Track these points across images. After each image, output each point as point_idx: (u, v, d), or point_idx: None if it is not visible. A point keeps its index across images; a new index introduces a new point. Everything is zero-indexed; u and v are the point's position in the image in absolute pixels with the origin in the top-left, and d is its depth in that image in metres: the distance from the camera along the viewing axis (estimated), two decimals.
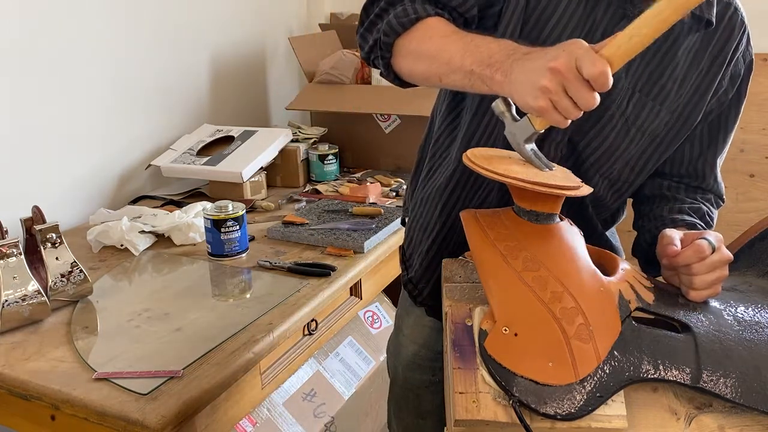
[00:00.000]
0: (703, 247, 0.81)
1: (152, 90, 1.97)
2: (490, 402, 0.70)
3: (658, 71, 0.91)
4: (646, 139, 0.95)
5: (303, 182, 2.07)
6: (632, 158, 0.97)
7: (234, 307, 1.28)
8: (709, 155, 1.01)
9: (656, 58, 0.91)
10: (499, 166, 0.78)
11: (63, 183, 1.73)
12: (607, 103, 0.91)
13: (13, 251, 1.17)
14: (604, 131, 0.93)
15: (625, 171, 0.98)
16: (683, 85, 0.93)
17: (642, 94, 0.92)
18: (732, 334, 0.77)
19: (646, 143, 0.96)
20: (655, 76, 0.91)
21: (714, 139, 1.00)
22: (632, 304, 0.77)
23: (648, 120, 0.93)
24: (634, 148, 0.95)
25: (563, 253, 0.79)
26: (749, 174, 2.24)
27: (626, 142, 0.94)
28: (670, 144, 0.98)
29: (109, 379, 1.03)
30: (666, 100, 0.93)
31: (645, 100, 0.92)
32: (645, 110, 0.92)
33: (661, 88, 0.92)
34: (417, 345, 1.21)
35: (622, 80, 0.91)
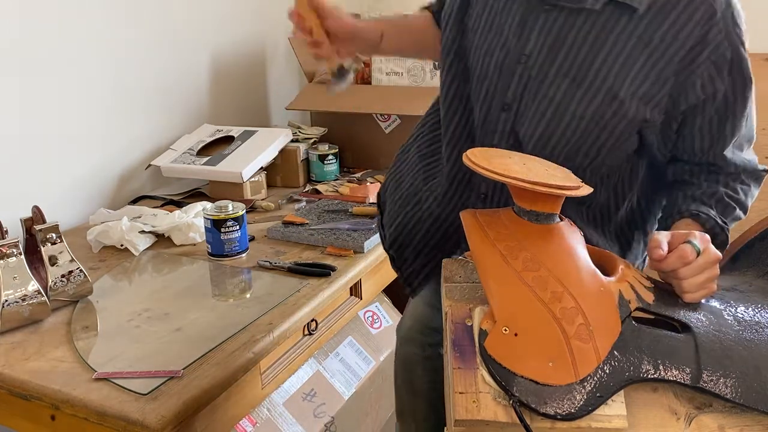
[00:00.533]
0: (687, 252, 0.79)
1: (152, 90, 1.97)
2: (490, 402, 0.70)
3: (590, 58, 0.92)
4: (589, 126, 0.93)
5: (303, 182, 2.07)
6: (579, 144, 0.95)
7: (234, 307, 1.28)
8: (719, 146, 0.97)
9: (586, 45, 0.92)
10: (499, 166, 0.78)
11: (63, 183, 1.73)
12: (535, 90, 0.95)
13: (13, 251, 1.18)
14: (534, 119, 0.96)
15: (578, 157, 0.96)
16: (625, 70, 0.91)
17: (573, 81, 0.92)
18: (732, 334, 0.77)
19: (594, 129, 0.94)
20: (586, 64, 0.92)
21: (721, 130, 0.96)
22: (632, 304, 0.77)
23: (582, 106, 0.92)
24: (575, 133, 0.94)
25: (563, 253, 0.79)
26: None
27: (562, 128, 0.94)
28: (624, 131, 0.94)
29: (109, 379, 1.03)
30: (603, 86, 0.91)
31: (576, 88, 0.92)
32: (577, 97, 0.92)
33: (595, 75, 0.92)
34: (412, 319, 1.27)
35: (547, 67, 0.93)
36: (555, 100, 0.94)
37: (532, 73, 0.95)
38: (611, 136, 0.94)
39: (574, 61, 0.92)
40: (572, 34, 0.92)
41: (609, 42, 0.91)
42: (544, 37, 0.94)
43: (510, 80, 0.97)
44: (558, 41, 0.93)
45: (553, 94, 0.94)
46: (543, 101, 0.95)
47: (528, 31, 0.95)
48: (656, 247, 0.81)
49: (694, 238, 0.81)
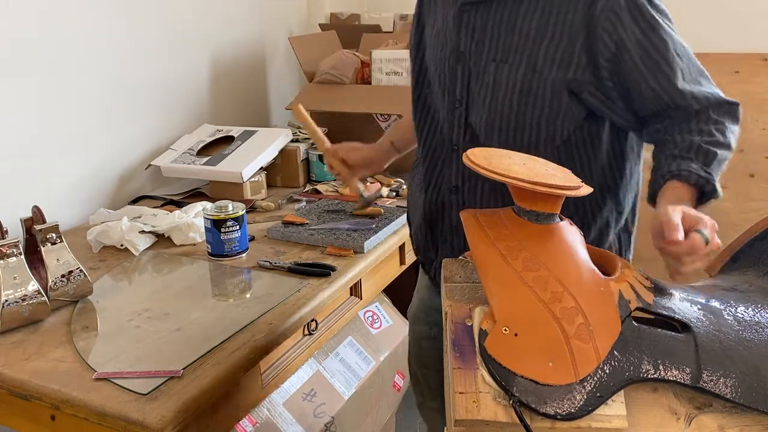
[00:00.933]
0: (697, 243, 0.80)
1: (152, 90, 1.97)
2: (490, 402, 0.70)
3: (508, 38, 1.04)
4: (522, 98, 1.03)
5: (303, 182, 2.07)
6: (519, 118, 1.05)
7: (234, 307, 1.28)
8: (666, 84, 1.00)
9: (502, 27, 1.04)
10: (499, 165, 0.78)
11: (63, 183, 1.73)
12: (472, 80, 1.08)
13: (13, 251, 1.18)
14: (476, 106, 1.08)
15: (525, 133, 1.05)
16: (539, 39, 1.01)
17: (500, 62, 1.04)
18: (732, 334, 0.77)
19: (527, 101, 1.03)
20: (506, 43, 1.04)
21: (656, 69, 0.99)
22: (632, 304, 0.77)
23: (511, 81, 1.04)
24: (511, 109, 1.05)
25: (563, 253, 0.79)
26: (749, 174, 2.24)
27: (500, 108, 1.05)
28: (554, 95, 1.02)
29: (109, 379, 1.03)
30: (523, 57, 1.02)
31: (502, 67, 1.04)
32: (503, 75, 1.04)
33: (516, 52, 1.03)
34: (419, 299, 1.41)
35: (476, 56, 1.06)
36: (489, 84, 1.06)
37: (470, 66, 1.08)
38: (544, 104, 1.03)
39: (497, 46, 1.05)
40: (490, 24, 1.05)
41: (519, 21, 1.03)
42: (471, 32, 1.07)
43: (455, 78, 1.10)
44: (482, 33, 1.06)
45: (487, 80, 1.06)
46: (481, 89, 1.07)
47: (458, 31, 1.08)
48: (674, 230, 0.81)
49: (704, 228, 0.82)
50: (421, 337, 1.39)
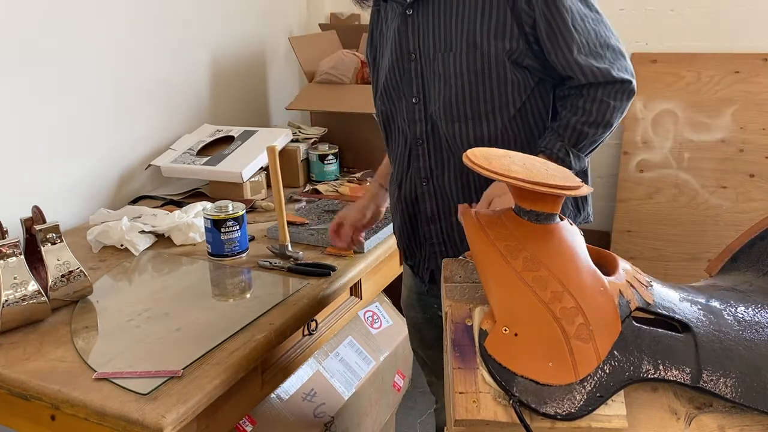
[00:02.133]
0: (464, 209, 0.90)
1: (152, 90, 1.97)
2: (490, 402, 0.70)
3: (448, 27, 1.13)
4: (470, 77, 1.12)
5: (303, 182, 2.07)
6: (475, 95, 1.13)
7: (234, 306, 1.28)
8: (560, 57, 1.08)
9: (442, 20, 1.13)
10: (499, 165, 0.78)
11: (63, 183, 1.73)
12: (426, 72, 1.16)
13: (13, 251, 1.18)
14: (432, 95, 1.17)
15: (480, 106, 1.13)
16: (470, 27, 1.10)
17: (444, 50, 1.13)
18: (732, 334, 0.77)
19: (476, 80, 1.12)
20: (448, 32, 1.13)
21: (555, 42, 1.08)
22: (632, 304, 0.77)
23: (456, 65, 1.13)
24: (464, 89, 1.13)
25: (563, 253, 0.79)
26: (749, 174, 2.24)
27: (454, 91, 1.14)
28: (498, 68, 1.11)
29: (109, 379, 1.03)
30: (462, 42, 1.11)
31: (445, 54, 1.13)
32: (450, 62, 1.13)
33: (457, 36, 1.12)
34: (407, 289, 1.45)
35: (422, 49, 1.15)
36: (440, 72, 1.14)
37: (421, 63, 1.17)
38: (491, 76, 1.12)
39: (440, 35, 1.13)
40: (430, 18, 1.14)
41: (454, 9, 1.12)
42: (416, 31, 1.16)
43: (410, 77, 1.19)
44: (425, 29, 1.15)
45: (438, 68, 1.15)
46: (434, 79, 1.16)
47: (404, 34, 1.17)
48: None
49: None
50: (417, 322, 1.44)
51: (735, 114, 2.18)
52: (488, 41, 1.10)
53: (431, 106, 1.18)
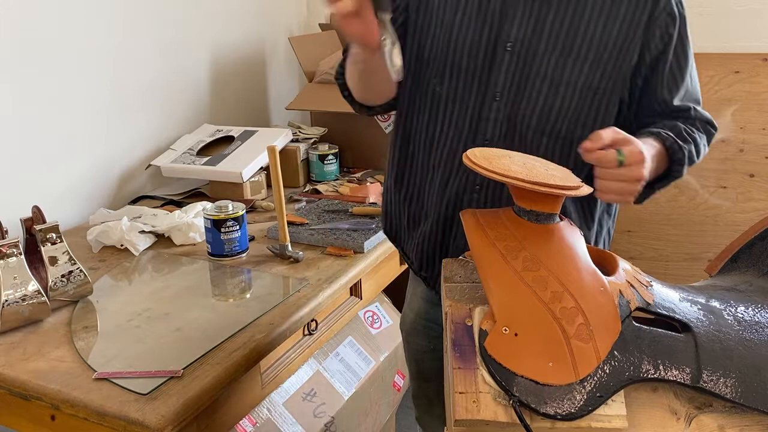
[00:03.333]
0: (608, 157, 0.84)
1: (152, 90, 1.97)
2: (491, 402, 0.70)
3: (573, 29, 0.99)
4: (584, 92, 1.00)
5: (303, 182, 2.07)
6: (579, 114, 1.02)
7: (234, 306, 1.28)
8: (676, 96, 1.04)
9: (567, 17, 0.99)
10: (499, 165, 0.78)
11: (63, 183, 1.73)
12: (527, 70, 1.01)
13: (13, 251, 1.18)
14: (532, 97, 1.01)
15: (577, 128, 1.02)
16: (604, 36, 0.99)
17: (562, 54, 0.99)
18: (732, 334, 0.77)
19: (588, 96, 1.01)
20: (571, 35, 0.99)
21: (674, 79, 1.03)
22: (632, 304, 0.77)
23: (574, 75, 1.00)
24: (573, 103, 1.01)
25: (563, 253, 0.79)
26: (749, 174, 2.24)
27: (559, 100, 1.01)
28: (615, 90, 1.01)
29: (109, 379, 1.03)
30: (589, 54, 0.99)
31: (566, 59, 0.99)
32: (568, 68, 1.00)
33: (581, 44, 0.99)
34: (414, 313, 1.34)
35: (535, 45, 0.99)
36: (548, 75, 1.00)
37: (521, 56, 1.00)
38: (603, 98, 1.01)
39: (558, 35, 0.99)
40: (552, 11, 0.99)
41: (587, 13, 0.99)
42: (527, 20, 1.00)
43: (499, 70, 1.02)
44: (540, 20, 0.99)
45: (545, 70, 1.00)
46: (537, 79, 1.00)
47: (509, 19, 1.00)
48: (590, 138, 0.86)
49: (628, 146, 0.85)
50: (419, 351, 1.34)
51: (735, 114, 2.18)
52: (616, 55, 0.99)
53: (520, 111, 1.02)
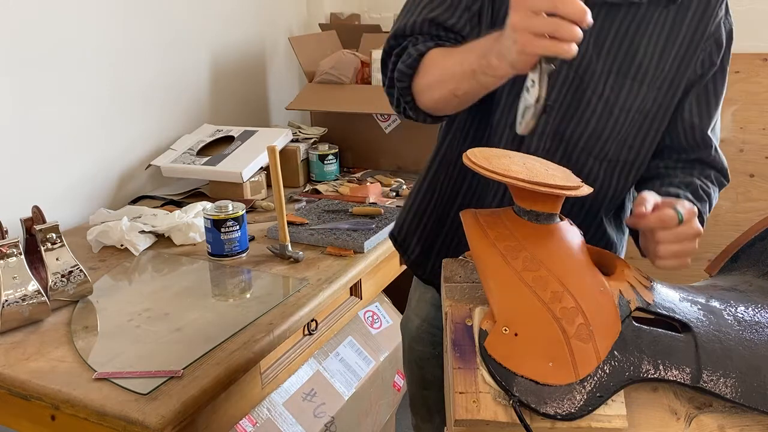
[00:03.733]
0: (668, 216, 0.82)
1: (152, 90, 1.97)
2: (490, 402, 0.70)
3: (632, 50, 0.94)
4: (636, 116, 0.97)
5: (303, 182, 2.07)
6: (627, 137, 0.98)
7: (234, 307, 1.28)
8: (704, 124, 1.01)
9: (627, 38, 0.94)
10: (499, 165, 0.78)
11: (63, 183, 1.73)
12: (583, 87, 0.95)
13: (13, 251, 1.18)
14: (585, 116, 0.97)
15: (623, 151, 0.99)
16: (663, 59, 0.95)
17: (619, 75, 0.94)
18: (732, 334, 0.76)
19: (638, 120, 0.97)
20: (630, 56, 0.94)
21: (707, 106, 1.00)
22: (632, 304, 0.77)
23: (630, 98, 0.96)
24: (624, 127, 0.97)
25: (563, 253, 0.79)
26: (749, 174, 2.24)
27: (612, 122, 0.97)
28: (665, 117, 0.99)
29: (109, 379, 1.03)
30: (646, 77, 0.95)
31: (623, 81, 0.95)
32: (624, 90, 0.95)
33: (639, 67, 0.94)
34: (420, 319, 1.28)
35: (594, 63, 0.94)
36: (604, 96, 0.95)
37: (579, 72, 0.95)
38: (653, 125, 0.98)
39: (617, 54, 0.94)
40: (614, 29, 0.93)
41: (647, 33, 0.93)
42: (589, 35, 0.92)
43: (553, 81, 0.94)
44: (600, 37, 0.94)
45: (602, 90, 0.95)
46: (593, 98, 0.95)
47: None
48: (641, 204, 0.84)
49: (681, 207, 0.83)
50: (423, 358, 1.30)
51: (735, 114, 2.18)
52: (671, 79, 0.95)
53: (569, 128, 0.97)
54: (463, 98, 0.91)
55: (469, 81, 0.86)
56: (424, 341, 1.28)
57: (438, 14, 0.97)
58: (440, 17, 0.97)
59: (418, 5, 1.00)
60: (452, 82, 0.89)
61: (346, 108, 2.09)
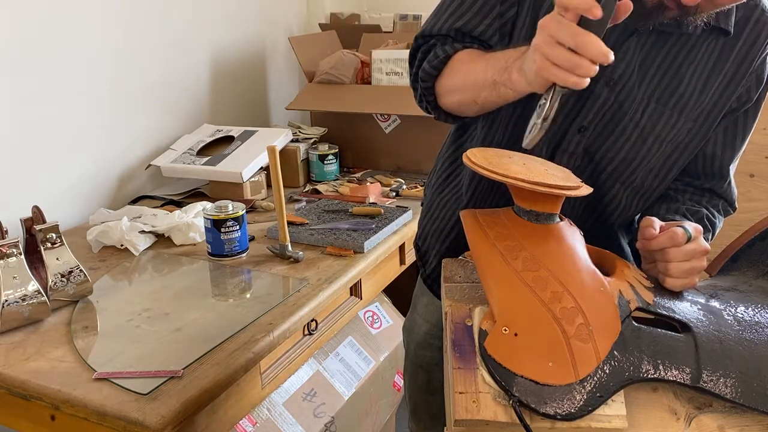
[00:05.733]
0: (678, 233, 0.82)
1: (152, 90, 1.97)
2: (490, 402, 0.70)
3: (676, 80, 0.92)
4: (667, 146, 0.95)
5: (303, 182, 2.07)
6: (655, 166, 0.97)
7: (234, 307, 1.28)
8: (726, 156, 1.00)
9: (673, 67, 0.91)
10: (499, 165, 0.78)
11: (63, 183, 1.73)
12: (621, 113, 0.93)
13: (13, 251, 1.18)
14: (618, 142, 0.95)
15: (649, 178, 0.98)
16: (704, 91, 0.92)
17: (659, 104, 0.92)
18: (732, 334, 0.77)
19: (668, 150, 0.96)
20: (672, 86, 0.92)
21: (732, 140, 0.99)
22: (632, 304, 0.77)
23: (666, 129, 0.94)
24: (655, 156, 0.96)
25: (563, 253, 0.79)
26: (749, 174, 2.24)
27: (644, 151, 0.95)
28: (695, 149, 0.98)
29: (109, 379, 1.03)
30: (685, 109, 0.93)
31: (662, 110, 0.93)
32: (662, 120, 0.93)
33: (680, 97, 0.92)
34: (429, 324, 1.24)
35: (635, 90, 0.92)
36: (641, 124, 0.93)
37: (620, 96, 0.92)
38: (682, 155, 0.97)
39: (660, 83, 0.92)
40: (660, 57, 0.91)
41: (693, 63, 0.91)
42: (635, 60, 0.91)
43: (592, 103, 0.93)
44: (645, 64, 0.91)
45: (639, 117, 0.93)
46: (629, 125, 0.93)
47: (620, 54, 0.89)
48: (648, 226, 0.84)
49: (688, 225, 0.84)
50: (431, 363, 1.26)
51: None
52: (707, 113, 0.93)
53: (599, 152, 0.96)
54: (483, 105, 0.91)
55: (489, 90, 0.86)
56: (432, 347, 1.25)
57: (465, 22, 0.96)
58: (467, 26, 0.96)
59: (447, 8, 0.98)
60: (474, 89, 0.89)
61: (346, 108, 2.09)
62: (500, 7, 0.94)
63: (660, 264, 0.84)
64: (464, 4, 0.96)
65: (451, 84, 0.95)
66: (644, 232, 0.85)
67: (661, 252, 0.83)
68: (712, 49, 0.91)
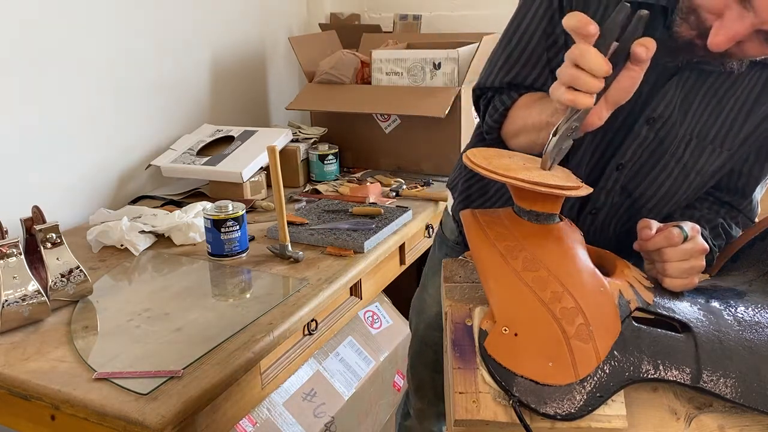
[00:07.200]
0: (674, 233, 0.82)
1: (152, 90, 1.97)
2: (490, 402, 0.70)
3: (716, 112, 0.91)
4: (706, 179, 0.96)
5: (303, 182, 2.07)
6: (691, 196, 0.98)
7: (234, 307, 1.28)
8: (753, 176, 0.99)
9: (714, 100, 0.90)
10: (499, 166, 0.78)
11: (63, 183, 1.73)
12: (662, 150, 0.93)
13: (13, 251, 1.18)
14: (659, 179, 0.95)
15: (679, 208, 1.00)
16: (746, 124, 0.91)
17: (700, 139, 0.92)
18: (732, 334, 0.77)
19: (705, 181, 0.96)
20: (712, 119, 0.91)
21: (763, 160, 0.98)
22: (632, 304, 0.77)
23: (708, 163, 0.93)
24: (693, 188, 0.96)
25: (563, 253, 0.79)
26: None
27: (685, 186, 0.95)
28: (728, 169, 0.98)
29: (109, 379, 1.03)
30: (725, 141, 0.92)
31: (704, 145, 0.92)
32: (705, 155, 0.93)
33: (719, 129, 0.91)
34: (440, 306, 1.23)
35: (677, 127, 0.91)
36: (683, 160, 0.93)
37: (660, 134, 0.92)
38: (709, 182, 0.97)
39: (700, 119, 0.91)
40: (702, 93, 0.90)
41: (735, 97, 0.90)
42: (676, 98, 0.90)
43: (632, 141, 0.93)
44: (687, 101, 0.90)
45: (681, 154, 0.93)
46: (671, 162, 0.93)
47: (661, 92, 0.89)
48: (645, 227, 0.84)
49: (684, 225, 0.84)
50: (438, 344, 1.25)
51: None
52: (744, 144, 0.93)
53: (639, 188, 0.96)
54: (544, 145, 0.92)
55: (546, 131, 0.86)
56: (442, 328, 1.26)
57: (515, 75, 0.97)
58: (517, 78, 0.97)
59: (497, 61, 1.00)
60: (533, 132, 0.90)
61: (346, 108, 2.09)
62: (547, 53, 0.95)
63: (658, 264, 0.84)
64: (511, 57, 0.97)
65: (513, 130, 0.96)
66: (641, 233, 0.85)
67: (658, 252, 0.83)
68: (755, 81, 0.89)
